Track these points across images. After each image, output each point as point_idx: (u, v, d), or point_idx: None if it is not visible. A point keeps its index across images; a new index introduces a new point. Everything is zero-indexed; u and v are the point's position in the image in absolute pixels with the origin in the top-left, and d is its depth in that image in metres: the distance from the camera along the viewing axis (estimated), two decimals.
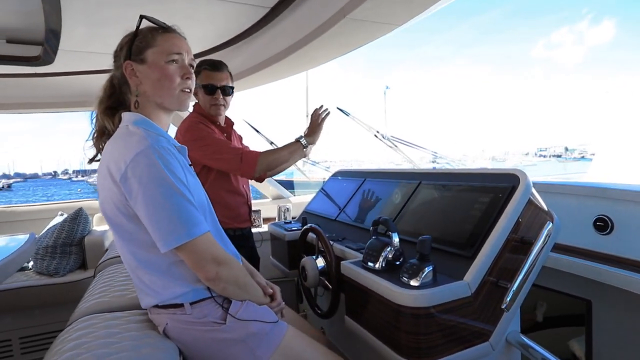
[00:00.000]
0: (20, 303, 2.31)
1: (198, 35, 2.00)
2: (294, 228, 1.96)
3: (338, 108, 2.95)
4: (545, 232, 1.03)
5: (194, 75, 1.06)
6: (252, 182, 3.57)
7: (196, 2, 1.64)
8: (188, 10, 1.72)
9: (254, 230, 2.70)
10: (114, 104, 1.06)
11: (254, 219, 3.17)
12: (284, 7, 1.63)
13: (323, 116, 1.70)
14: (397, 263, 1.11)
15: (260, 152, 1.61)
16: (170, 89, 1.00)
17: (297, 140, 1.66)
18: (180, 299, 0.96)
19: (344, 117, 3.03)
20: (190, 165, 1.12)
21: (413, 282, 0.97)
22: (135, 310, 1.07)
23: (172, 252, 0.92)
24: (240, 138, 1.97)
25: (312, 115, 1.71)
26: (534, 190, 1.10)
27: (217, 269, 0.94)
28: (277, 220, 2.95)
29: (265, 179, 3.62)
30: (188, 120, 1.68)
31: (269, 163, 1.61)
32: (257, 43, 2.06)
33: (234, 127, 1.90)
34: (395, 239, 1.12)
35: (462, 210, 1.17)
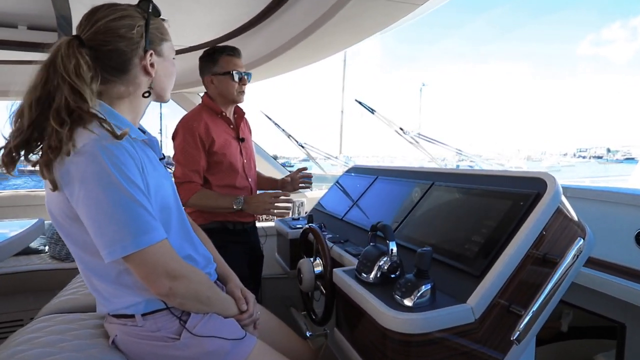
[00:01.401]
0: (32, 285, 2.35)
1: (206, 22, 1.91)
2: (298, 226, 1.86)
3: (357, 101, 2.79)
4: (574, 249, 0.85)
5: None
6: (268, 174, 3.50)
7: None
8: None
9: (259, 224, 2.62)
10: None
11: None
12: None
13: (279, 205, 1.60)
14: (393, 276, 0.97)
15: (197, 192, 1.58)
16: (172, 82, 1.01)
17: (233, 202, 1.59)
18: (131, 309, 0.86)
19: (369, 111, 2.87)
20: (161, 158, 1.00)
21: (407, 302, 0.82)
22: (98, 313, 0.98)
23: (120, 260, 0.80)
24: (250, 131, 1.88)
25: (275, 192, 1.61)
26: (564, 199, 0.92)
27: (170, 284, 0.81)
28: (290, 215, 2.85)
29: (282, 173, 3.54)
30: (191, 113, 1.65)
31: (197, 204, 1.60)
32: (271, 28, 1.94)
33: (249, 120, 1.86)
34: (393, 248, 0.98)
35: (476, 218, 1.00)
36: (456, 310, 0.80)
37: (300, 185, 1.97)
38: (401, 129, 2.80)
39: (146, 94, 0.94)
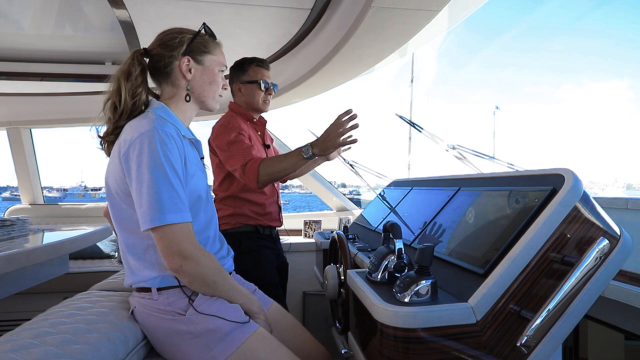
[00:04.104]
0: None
1: (251, 46, 2.09)
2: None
3: (400, 116, 2.77)
4: (595, 250, 0.76)
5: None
6: (317, 194, 3.57)
7: (242, 13, 1.73)
8: (239, 22, 1.82)
9: (285, 240, 2.65)
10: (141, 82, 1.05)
11: (314, 229, 3.16)
12: (323, 6, 1.60)
13: (346, 127, 1.37)
14: (399, 275, 0.94)
15: (260, 163, 1.47)
16: (216, 92, 1.15)
17: (300, 151, 1.43)
18: (148, 283, 0.97)
19: (411, 125, 2.82)
20: (202, 158, 1.15)
21: (403, 297, 0.80)
22: (127, 291, 1.11)
23: (149, 235, 0.93)
24: (271, 139, 1.94)
25: (335, 120, 1.40)
26: (589, 197, 0.83)
27: (181, 262, 0.91)
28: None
29: (330, 191, 3.57)
30: (225, 119, 1.68)
31: (270, 174, 1.47)
32: (309, 47, 2.06)
33: (296, 138, 1.90)
34: (400, 247, 0.96)
35: (490, 219, 0.95)
36: (454, 308, 0.75)
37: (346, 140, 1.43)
38: (450, 145, 2.69)
39: (187, 98, 1.10)
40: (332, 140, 1.39)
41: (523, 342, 0.73)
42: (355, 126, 1.39)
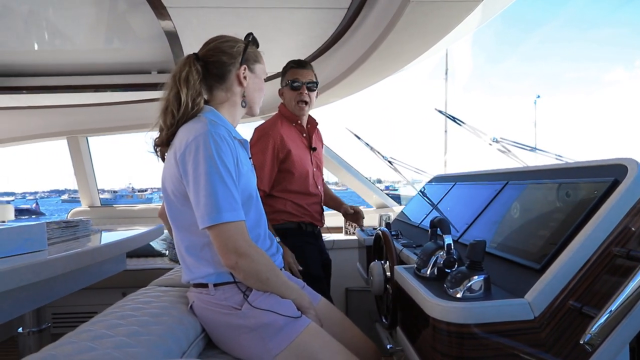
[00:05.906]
0: (152, 280, 2.80)
1: (290, 46, 2.13)
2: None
3: (439, 111, 2.71)
4: None
5: None
6: (357, 191, 3.57)
7: (280, 17, 1.77)
8: (277, 25, 1.86)
9: (328, 237, 2.67)
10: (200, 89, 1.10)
11: (354, 226, 3.17)
12: (359, 4, 1.60)
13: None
14: (449, 271, 0.93)
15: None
16: (261, 99, 1.23)
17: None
18: (205, 279, 1.02)
19: (452, 120, 2.76)
20: (250, 158, 1.20)
21: (455, 292, 0.79)
22: (184, 286, 1.19)
23: (205, 234, 0.98)
24: (321, 141, 1.97)
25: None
26: None
27: (236, 259, 0.96)
28: None
29: (369, 188, 3.55)
30: (268, 123, 1.73)
31: None
32: (346, 46, 2.07)
33: (336, 137, 1.93)
34: (449, 243, 0.95)
35: (545, 213, 0.92)
36: (510, 304, 0.74)
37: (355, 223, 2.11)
38: (495, 139, 2.60)
39: (243, 104, 1.16)
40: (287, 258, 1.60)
41: (586, 340, 0.70)
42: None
